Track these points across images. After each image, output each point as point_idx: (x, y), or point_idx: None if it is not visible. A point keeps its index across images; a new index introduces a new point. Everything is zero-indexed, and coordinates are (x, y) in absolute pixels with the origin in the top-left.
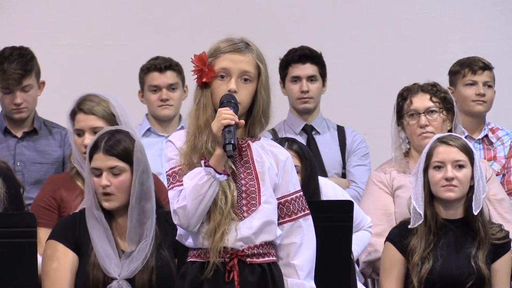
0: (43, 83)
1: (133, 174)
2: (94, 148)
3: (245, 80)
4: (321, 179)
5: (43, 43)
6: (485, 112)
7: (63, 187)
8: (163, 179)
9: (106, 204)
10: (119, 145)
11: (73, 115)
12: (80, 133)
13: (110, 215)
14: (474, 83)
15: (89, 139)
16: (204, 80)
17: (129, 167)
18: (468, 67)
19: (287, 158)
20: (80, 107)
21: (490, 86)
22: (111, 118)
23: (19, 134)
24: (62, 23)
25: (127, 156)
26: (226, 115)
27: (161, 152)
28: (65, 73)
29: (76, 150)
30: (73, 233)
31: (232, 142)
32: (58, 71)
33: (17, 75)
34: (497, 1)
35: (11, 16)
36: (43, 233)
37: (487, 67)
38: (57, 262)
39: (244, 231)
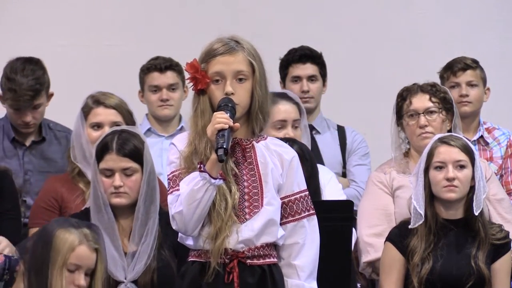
0: (52, 94)
1: (143, 174)
2: (105, 149)
3: (240, 79)
4: (322, 168)
5: (43, 43)
6: (473, 112)
7: (64, 187)
8: (163, 180)
9: (116, 200)
10: (132, 146)
11: (88, 109)
12: (97, 126)
13: (113, 216)
14: (456, 85)
15: None
16: (199, 87)
17: (140, 168)
18: (449, 69)
19: (292, 158)
20: (100, 101)
21: (474, 86)
22: (128, 116)
23: (27, 142)
24: (62, 23)
25: (138, 156)
26: (220, 119)
27: (161, 153)
28: (65, 73)
29: (88, 146)
30: None
31: (224, 147)
32: (58, 71)
33: (28, 96)
34: (496, 1)
35: (11, 16)
36: None
37: (468, 66)
38: None
39: (246, 234)
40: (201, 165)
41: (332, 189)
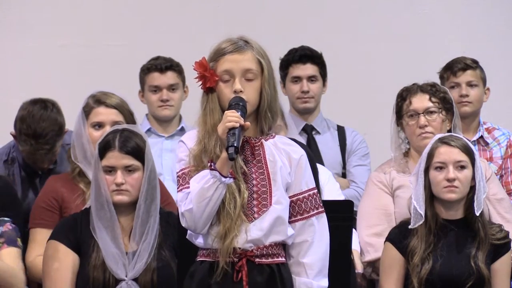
0: (66, 131)
1: (144, 172)
2: (107, 146)
3: (249, 78)
4: (320, 167)
5: (43, 43)
6: (473, 113)
7: (64, 187)
8: (162, 180)
9: (118, 197)
10: (133, 144)
11: (89, 109)
12: (98, 125)
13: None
14: (456, 85)
15: None
16: (208, 85)
17: (142, 166)
18: (449, 70)
19: (300, 156)
20: (101, 101)
21: (474, 86)
22: (129, 116)
23: (41, 170)
24: (62, 23)
25: (140, 154)
26: (231, 117)
27: (161, 153)
28: (65, 73)
29: (90, 145)
30: (75, 233)
31: (235, 145)
32: (58, 71)
33: (45, 150)
34: (496, 1)
35: (11, 16)
36: (44, 234)
37: (468, 66)
38: (58, 262)
39: (254, 233)
40: (212, 163)
41: (330, 188)
